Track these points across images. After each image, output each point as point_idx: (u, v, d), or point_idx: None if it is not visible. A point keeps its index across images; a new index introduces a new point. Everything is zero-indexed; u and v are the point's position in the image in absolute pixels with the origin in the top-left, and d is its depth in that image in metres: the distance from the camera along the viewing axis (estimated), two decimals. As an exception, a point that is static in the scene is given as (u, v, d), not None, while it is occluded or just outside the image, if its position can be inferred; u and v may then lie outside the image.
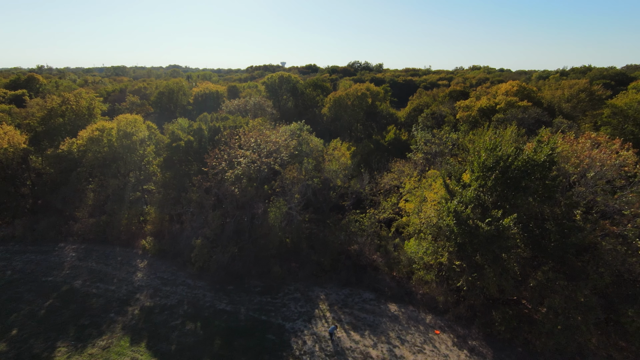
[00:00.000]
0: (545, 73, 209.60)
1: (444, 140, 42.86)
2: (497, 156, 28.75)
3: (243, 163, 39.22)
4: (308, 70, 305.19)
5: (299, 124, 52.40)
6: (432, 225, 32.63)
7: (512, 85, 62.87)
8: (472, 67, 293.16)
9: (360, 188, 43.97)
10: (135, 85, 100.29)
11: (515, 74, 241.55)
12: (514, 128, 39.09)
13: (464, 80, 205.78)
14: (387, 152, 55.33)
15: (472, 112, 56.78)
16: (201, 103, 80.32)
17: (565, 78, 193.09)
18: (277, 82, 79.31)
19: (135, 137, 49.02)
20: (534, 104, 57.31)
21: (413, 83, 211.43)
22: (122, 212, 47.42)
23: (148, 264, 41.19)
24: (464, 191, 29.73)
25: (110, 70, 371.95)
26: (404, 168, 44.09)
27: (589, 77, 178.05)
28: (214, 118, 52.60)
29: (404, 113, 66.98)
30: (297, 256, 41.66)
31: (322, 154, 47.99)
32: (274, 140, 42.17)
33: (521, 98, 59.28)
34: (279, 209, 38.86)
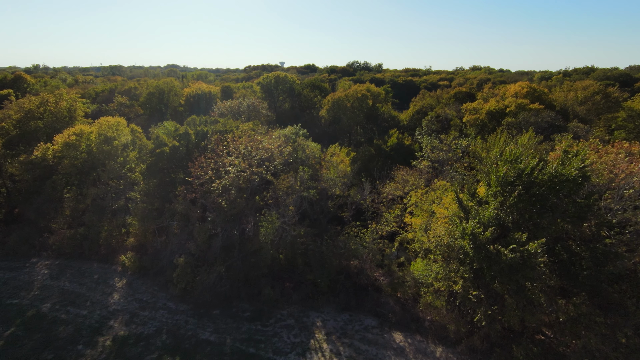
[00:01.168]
0: (548, 74, 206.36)
1: (452, 147, 39.12)
2: (519, 169, 24.99)
3: (232, 172, 35.38)
4: (307, 70, 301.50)
5: (295, 127, 48.62)
6: (442, 246, 28.87)
7: (522, 87, 59.18)
8: (472, 67, 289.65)
9: (360, 199, 40.19)
10: (126, 85, 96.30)
11: (516, 74, 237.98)
12: (530, 134, 35.34)
13: (465, 80, 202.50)
14: (389, 158, 51.60)
15: (480, 115, 53.08)
16: (193, 104, 76.41)
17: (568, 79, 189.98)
18: (272, 83, 75.49)
19: (117, 142, 45.13)
20: (545, 106, 53.63)
21: (413, 83, 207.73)
22: (102, 224, 43.53)
23: (127, 284, 37.30)
24: (481, 209, 25.96)
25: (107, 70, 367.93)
26: (409, 177, 40.33)
27: (593, 78, 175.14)
28: (202, 121, 48.74)
29: (407, 116, 63.27)
30: (291, 274, 37.86)
31: (319, 160, 44.19)
32: (267, 147, 38.35)
33: (532, 100, 55.61)
34: (271, 224, 35.05)
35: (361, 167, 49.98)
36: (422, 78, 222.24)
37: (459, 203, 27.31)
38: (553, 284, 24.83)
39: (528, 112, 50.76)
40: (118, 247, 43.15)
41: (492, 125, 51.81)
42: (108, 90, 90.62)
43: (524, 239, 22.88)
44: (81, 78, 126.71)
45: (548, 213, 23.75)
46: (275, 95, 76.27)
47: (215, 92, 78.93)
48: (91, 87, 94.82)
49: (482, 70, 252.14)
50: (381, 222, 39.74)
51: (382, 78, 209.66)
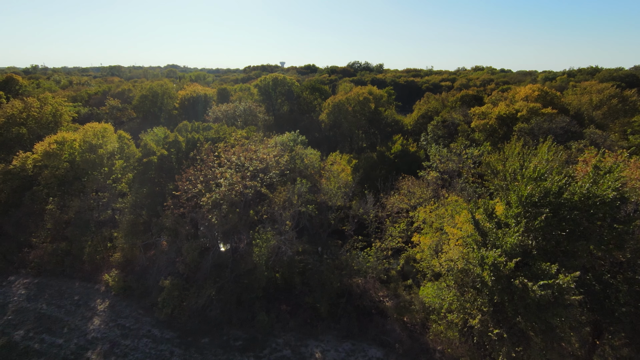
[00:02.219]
0: (552, 74, 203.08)
1: (463, 157, 36.08)
2: (545, 189, 21.95)
3: (223, 186, 32.37)
4: (307, 70, 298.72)
5: (293, 134, 45.61)
6: (456, 271, 25.83)
7: (533, 90, 56.11)
8: (474, 67, 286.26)
9: (363, 214, 37.15)
10: (120, 87, 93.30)
11: (518, 74, 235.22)
12: (549, 144, 32.30)
13: (467, 81, 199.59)
14: (393, 166, 48.56)
15: (489, 120, 50.03)
16: (188, 107, 73.43)
17: (573, 79, 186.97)
18: (270, 85, 72.46)
19: (102, 150, 42.13)
20: (559, 111, 50.58)
21: (415, 84, 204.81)
22: (86, 238, 40.50)
23: (109, 306, 34.31)
24: (500, 232, 22.89)
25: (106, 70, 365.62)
26: (415, 189, 37.28)
27: (598, 79, 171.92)
28: (194, 127, 45.74)
29: (411, 120, 60.24)
30: (288, 295, 34.86)
31: (318, 170, 41.17)
32: (262, 157, 35.33)
33: (544, 104, 52.55)
34: (266, 242, 32.01)
35: (363, 176, 46.95)
36: (424, 79, 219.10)
37: (475, 225, 24.25)
38: (585, 319, 21.80)
39: (541, 117, 47.71)
40: (103, 263, 40.20)
41: (502, 131, 48.78)
42: (101, 93, 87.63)
43: (553, 271, 19.84)
44: (76, 79, 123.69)
45: (580, 240, 20.72)
46: (274, 98, 73.27)
47: (211, 95, 75.92)
48: (84, 89, 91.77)
49: (485, 71, 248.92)
50: (385, 238, 36.74)
51: (383, 79, 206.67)
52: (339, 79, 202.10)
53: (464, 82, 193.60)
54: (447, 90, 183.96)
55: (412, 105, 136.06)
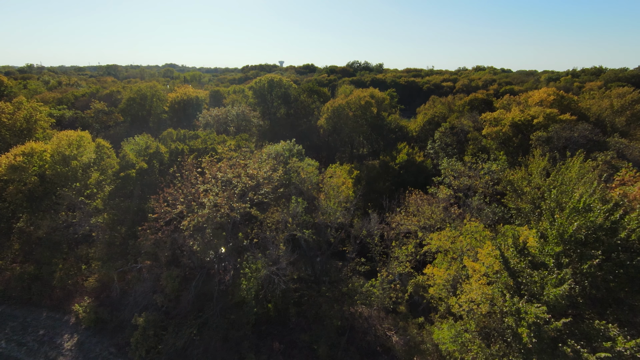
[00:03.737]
0: (555, 75, 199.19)
1: (480, 173, 31.93)
2: (594, 224, 17.84)
3: (206, 207, 28.19)
4: (306, 70, 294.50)
5: (289, 143, 41.39)
6: (480, 315, 21.74)
7: (548, 94, 51.97)
8: (475, 67, 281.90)
9: (368, 237, 33.03)
10: (109, 88, 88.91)
11: (519, 74, 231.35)
12: (581, 159, 28.20)
13: (469, 81, 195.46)
14: (399, 177, 44.43)
15: (502, 128, 45.88)
16: (178, 111, 69.12)
17: (577, 80, 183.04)
18: (266, 87, 68.14)
19: (76, 163, 37.85)
20: (578, 117, 46.46)
21: (416, 84, 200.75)
22: (57, 261, 36.28)
23: (77, 343, 30.09)
24: (537, 275, 18.74)
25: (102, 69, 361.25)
26: (425, 207, 33.14)
27: (603, 79, 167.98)
28: (179, 136, 41.53)
29: (416, 126, 56.07)
30: (281, 331, 30.71)
31: (316, 185, 37.00)
32: (252, 173, 31.14)
33: (560, 110, 48.42)
34: (256, 272, 27.81)
35: (366, 189, 42.85)
36: (425, 79, 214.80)
37: (505, 265, 20.10)
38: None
39: (559, 124, 43.60)
40: (75, 289, 36.02)
41: (517, 140, 44.65)
42: (89, 95, 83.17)
43: (612, 333, 15.71)
44: (65, 80, 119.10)
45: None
46: (269, 101, 68.99)
47: (203, 98, 71.64)
48: (70, 91, 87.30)
49: (487, 71, 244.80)
50: (391, 263, 32.65)
51: (383, 79, 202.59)
52: (338, 79, 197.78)
53: (466, 83, 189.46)
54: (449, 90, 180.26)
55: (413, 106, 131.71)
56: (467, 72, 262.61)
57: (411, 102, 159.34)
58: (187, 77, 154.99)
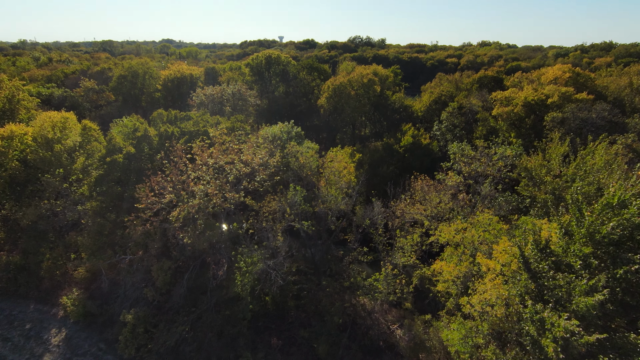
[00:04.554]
0: (563, 50, 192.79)
1: (493, 159, 29.54)
2: (632, 223, 15.69)
3: (197, 197, 26.05)
4: (306, 45, 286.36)
5: (287, 125, 38.84)
6: (493, 317, 19.93)
7: (563, 71, 48.84)
8: (480, 42, 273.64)
9: (371, 227, 31.02)
10: (100, 65, 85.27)
11: (526, 50, 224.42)
12: (605, 144, 25.80)
13: (474, 57, 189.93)
14: (403, 161, 42.08)
15: (514, 108, 43.09)
16: (172, 89, 65.95)
17: (586, 55, 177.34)
18: (263, 64, 64.74)
19: (59, 146, 35.51)
20: (595, 96, 43.64)
21: (419, 61, 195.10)
22: (44, 250, 34.52)
23: (65, 338, 28.66)
24: (562, 279, 16.73)
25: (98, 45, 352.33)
26: (432, 195, 30.95)
27: (614, 55, 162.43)
28: (170, 117, 38.93)
29: (422, 106, 53.15)
30: (280, 325, 29.20)
31: (316, 171, 34.74)
32: (246, 159, 28.83)
33: (576, 88, 45.52)
34: (252, 266, 25.96)
35: (369, 173, 40.57)
36: (429, 55, 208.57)
37: (525, 267, 18.07)
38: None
39: (575, 104, 40.85)
40: (64, 280, 34.42)
41: (530, 121, 42.00)
42: (79, 72, 79.66)
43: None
44: (56, 56, 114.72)
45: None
46: (267, 79, 65.73)
47: (198, 75, 68.30)
48: (60, 68, 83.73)
49: (492, 46, 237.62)
50: (396, 253, 30.80)
51: (385, 55, 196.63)
52: (339, 55, 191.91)
53: (471, 59, 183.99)
54: (453, 67, 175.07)
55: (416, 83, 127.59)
56: (472, 47, 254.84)
57: (414, 79, 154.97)
58: (183, 53, 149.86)
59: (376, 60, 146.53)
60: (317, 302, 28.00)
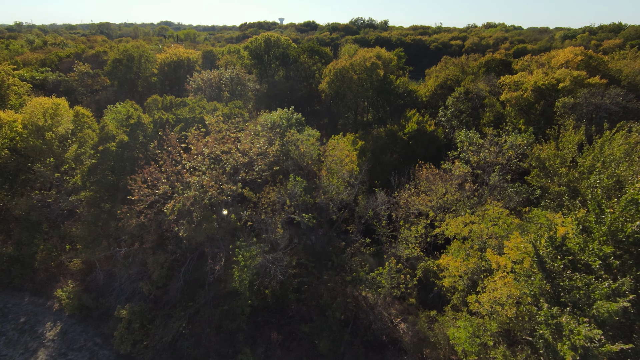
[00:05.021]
0: (571, 32, 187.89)
1: (503, 148, 28.09)
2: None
3: (192, 188, 24.87)
4: (307, 27, 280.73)
5: (287, 112, 37.34)
6: (503, 317, 18.96)
7: (575, 54, 46.76)
8: (486, 24, 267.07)
9: (374, 219, 29.92)
10: (96, 48, 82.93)
11: (534, 32, 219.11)
12: (623, 132, 24.35)
13: (479, 39, 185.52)
14: (407, 148, 40.65)
15: (523, 93, 41.33)
16: (169, 74, 64.04)
17: (594, 37, 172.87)
18: (263, 47, 62.57)
19: (51, 135, 34.19)
20: (609, 81, 41.81)
21: (423, 43, 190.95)
22: (37, 241, 33.61)
23: (61, 332, 27.99)
24: (580, 280, 15.62)
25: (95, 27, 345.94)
26: (438, 186, 29.69)
27: (623, 37, 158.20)
28: (165, 104, 37.41)
29: (427, 90, 51.29)
30: (280, 319, 28.45)
31: (317, 160, 33.45)
32: (244, 149, 27.50)
33: (589, 72, 43.59)
34: (250, 260, 24.96)
35: (372, 161, 39.21)
36: (432, 37, 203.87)
37: (540, 266, 16.95)
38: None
39: (588, 88, 39.11)
40: (59, 272, 33.64)
41: (540, 107, 40.33)
42: (73, 55, 77.46)
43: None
44: (51, 39, 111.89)
45: None
46: (266, 63, 63.65)
47: (195, 59, 66.18)
48: (55, 51, 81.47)
49: (497, 28, 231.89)
50: (399, 245, 29.79)
51: (388, 37, 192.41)
52: (341, 37, 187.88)
53: (476, 41, 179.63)
54: (458, 50, 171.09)
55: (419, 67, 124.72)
56: (477, 29, 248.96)
57: (417, 62, 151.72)
58: (181, 35, 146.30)
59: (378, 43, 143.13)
60: (319, 297, 27.14)
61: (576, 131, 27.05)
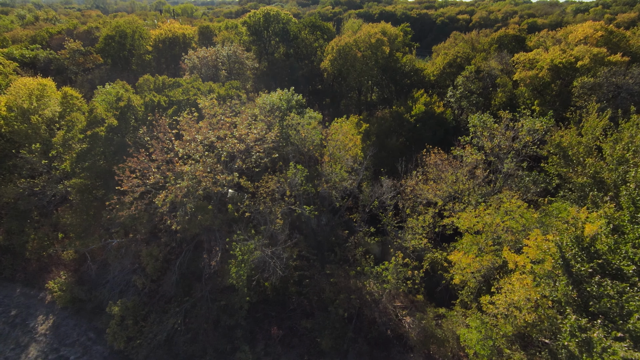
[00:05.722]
0: (583, 5, 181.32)
1: (520, 133, 25.98)
2: None
3: (186, 177, 23.16)
4: (308, 1, 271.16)
5: (287, 93, 35.10)
6: (520, 320, 17.53)
7: (595, 29, 43.72)
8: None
9: (379, 209, 28.27)
10: (88, 24, 79.44)
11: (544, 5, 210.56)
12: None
13: (488, 13, 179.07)
14: (414, 131, 38.52)
15: (539, 72, 38.75)
16: (163, 51, 61.17)
17: (608, 11, 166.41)
18: (262, 22, 59.31)
19: (36, 118, 32.24)
20: (631, 58, 39.11)
21: (428, 17, 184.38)
22: (28, 230, 32.26)
23: (53, 326, 26.98)
24: (611, 288, 14.03)
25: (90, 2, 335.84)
26: (448, 174, 27.84)
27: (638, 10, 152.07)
28: (157, 84, 35.20)
29: (435, 69, 48.54)
30: (280, 312, 27.30)
31: (319, 145, 31.52)
32: (240, 135, 25.57)
33: (609, 49, 40.81)
34: (248, 254, 23.50)
35: (377, 145, 37.24)
36: (439, 11, 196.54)
37: (566, 271, 15.34)
38: None
39: (608, 67, 36.55)
40: (52, 262, 32.43)
41: (557, 87, 37.88)
42: (65, 31, 74.14)
43: None
44: (43, 15, 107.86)
45: None
46: (266, 39, 60.56)
47: (191, 35, 63.07)
48: (45, 27, 78.13)
49: (507, 2, 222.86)
50: (405, 234, 28.28)
51: (393, 11, 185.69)
52: (344, 11, 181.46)
53: (484, 15, 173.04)
54: (465, 25, 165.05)
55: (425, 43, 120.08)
56: (485, 2, 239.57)
57: (423, 38, 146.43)
58: (178, 10, 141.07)
59: (383, 17, 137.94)
60: (321, 291, 25.83)
61: (600, 115, 24.90)
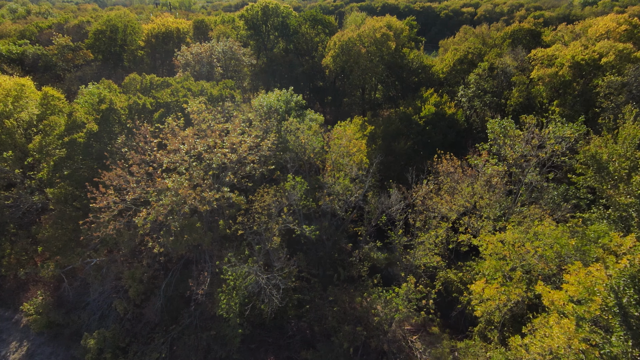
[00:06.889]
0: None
1: (548, 142, 22.99)
2: None
3: (169, 194, 20.34)
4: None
5: (285, 93, 32.16)
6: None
7: (618, 22, 40.56)
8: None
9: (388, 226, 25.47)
10: (78, 18, 76.24)
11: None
12: None
13: (493, 6, 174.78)
14: (424, 134, 35.58)
15: (559, 69, 35.69)
16: (156, 46, 58.24)
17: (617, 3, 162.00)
18: (260, 15, 56.11)
19: (12, 122, 29.43)
20: (659, 55, 35.97)
21: (432, 11, 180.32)
22: (3, 245, 29.60)
23: (27, 355, 24.41)
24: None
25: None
26: (464, 185, 24.98)
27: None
28: (144, 84, 32.29)
29: (444, 66, 45.39)
30: (278, 339, 24.69)
31: (321, 152, 28.63)
32: (231, 144, 22.68)
33: (634, 44, 37.72)
34: (240, 280, 20.76)
35: (383, 149, 34.37)
36: (442, 4, 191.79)
37: (623, 319, 12.55)
38: None
39: (635, 64, 33.51)
40: (29, 279, 29.79)
41: (579, 87, 34.85)
42: (55, 26, 71.03)
43: None
44: (35, 9, 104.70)
45: None
46: (264, 34, 57.44)
47: (185, 29, 60.02)
48: (35, 22, 75.04)
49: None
50: (416, 251, 25.56)
51: (396, 4, 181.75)
52: (346, 4, 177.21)
53: (489, 8, 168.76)
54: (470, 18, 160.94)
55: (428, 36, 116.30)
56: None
57: (427, 32, 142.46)
58: (175, 3, 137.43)
59: (386, 11, 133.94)
60: (322, 319, 23.13)
61: (637, 120, 21.97)
